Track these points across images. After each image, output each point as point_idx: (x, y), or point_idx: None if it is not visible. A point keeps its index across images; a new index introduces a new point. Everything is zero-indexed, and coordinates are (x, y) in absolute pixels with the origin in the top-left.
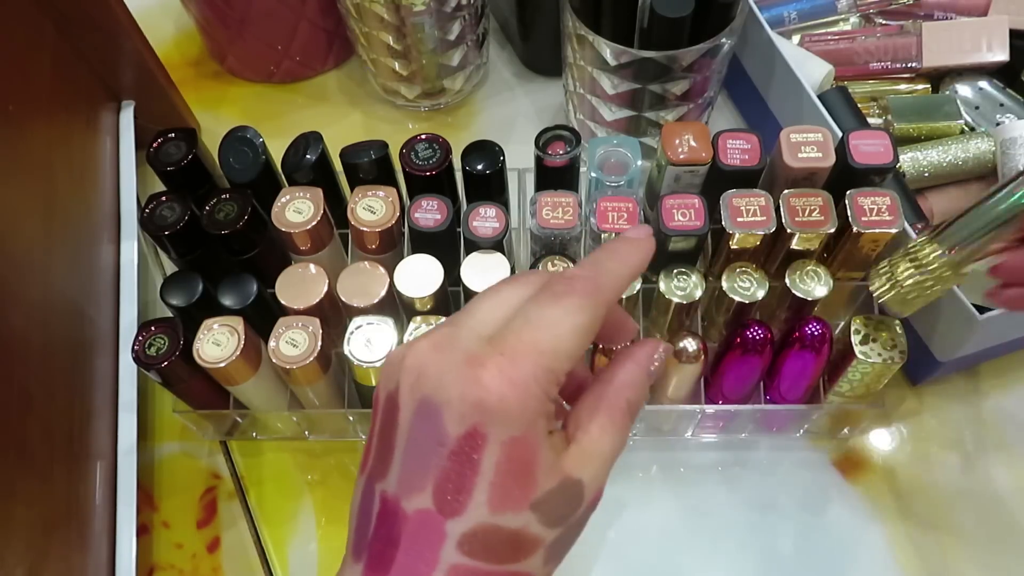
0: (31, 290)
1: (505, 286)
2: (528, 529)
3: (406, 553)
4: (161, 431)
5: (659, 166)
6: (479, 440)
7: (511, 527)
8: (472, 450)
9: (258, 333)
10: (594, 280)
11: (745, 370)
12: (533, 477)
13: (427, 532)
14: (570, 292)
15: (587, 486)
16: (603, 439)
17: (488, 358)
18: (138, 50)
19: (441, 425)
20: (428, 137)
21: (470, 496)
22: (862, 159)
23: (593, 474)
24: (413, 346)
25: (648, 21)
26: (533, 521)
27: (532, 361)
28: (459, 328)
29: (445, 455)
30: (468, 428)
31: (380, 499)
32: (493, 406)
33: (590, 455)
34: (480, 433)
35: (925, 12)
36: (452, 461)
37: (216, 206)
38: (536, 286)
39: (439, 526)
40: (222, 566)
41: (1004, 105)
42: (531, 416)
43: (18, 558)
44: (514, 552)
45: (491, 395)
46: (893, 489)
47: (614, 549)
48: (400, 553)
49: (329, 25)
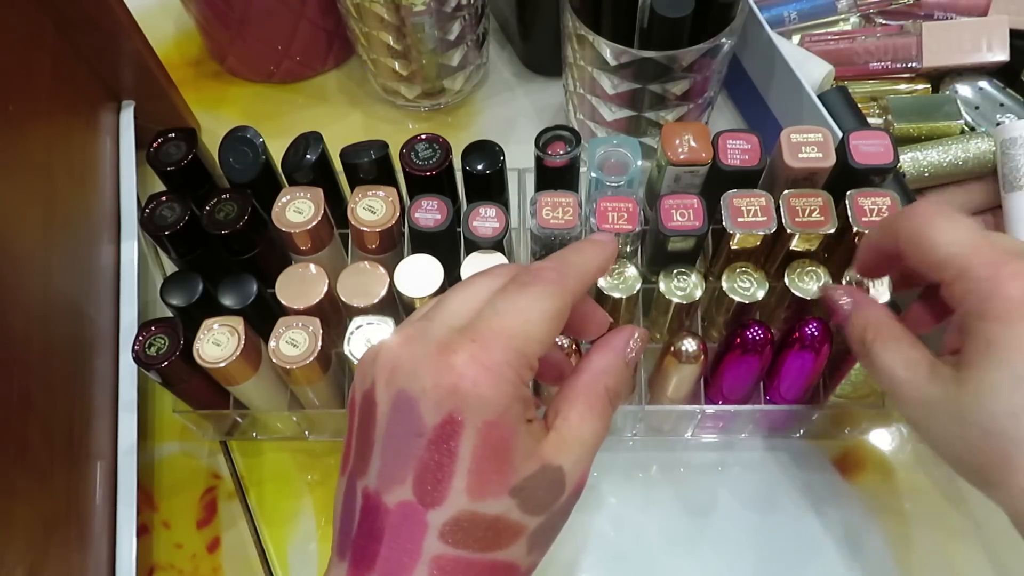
0: (31, 290)
1: (475, 280)
2: (509, 516)
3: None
4: (161, 431)
5: (659, 166)
6: (456, 427)
7: (491, 514)
8: (449, 437)
9: (258, 333)
10: (558, 270)
11: (745, 370)
12: (510, 462)
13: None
14: (536, 281)
15: (568, 473)
16: (582, 426)
17: (460, 346)
18: (138, 50)
19: (418, 415)
20: (428, 137)
21: (449, 484)
22: (862, 159)
23: (574, 461)
24: (385, 343)
25: (648, 21)
26: (513, 508)
27: (503, 346)
28: (430, 321)
29: (423, 445)
30: (444, 416)
31: (362, 495)
32: (467, 391)
33: (569, 441)
34: (456, 420)
35: (925, 12)
36: (430, 450)
37: (216, 206)
38: (505, 279)
39: (420, 517)
40: (222, 566)
41: (1004, 105)
42: (506, 400)
43: (18, 557)
44: (496, 539)
45: (465, 380)
46: (893, 489)
47: (614, 549)
48: (383, 547)
49: (329, 25)
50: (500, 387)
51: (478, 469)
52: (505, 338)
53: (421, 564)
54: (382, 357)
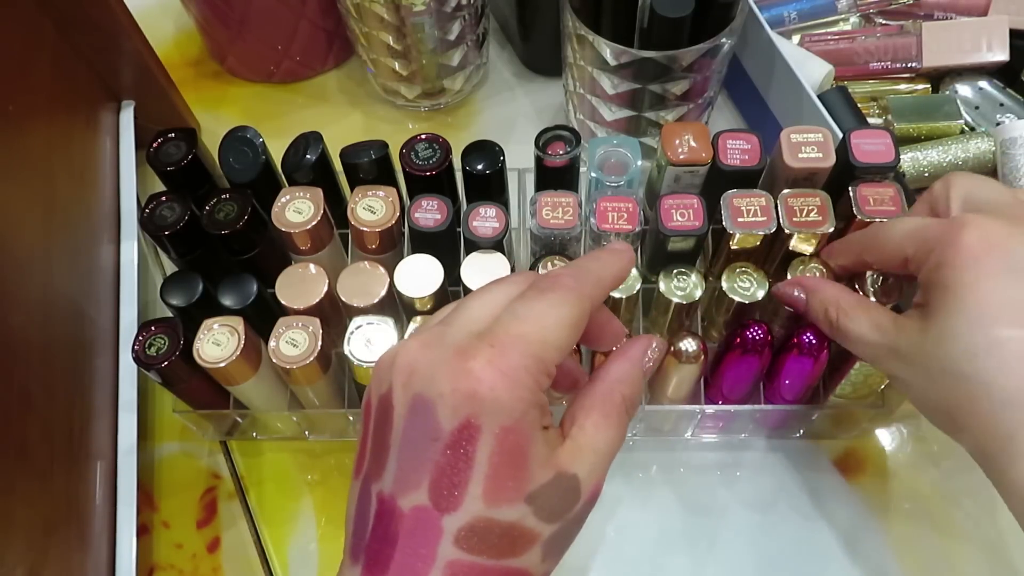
0: (31, 290)
1: (494, 286)
2: (524, 523)
3: (403, 551)
4: (161, 431)
5: (659, 166)
6: (473, 432)
7: (507, 520)
8: (466, 442)
9: (258, 333)
10: (577, 277)
11: (745, 370)
12: (527, 469)
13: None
14: (555, 287)
15: (583, 481)
16: (597, 434)
17: (478, 351)
18: (138, 50)
19: (435, 419)
20: (428, 137)
21: (465, 490)
22: (864, 158)
23: (589, 469)
24: (403, 346)
25: (648, 21)
26: (529, 515)
27: (521, 351)
28: (448, 326)
29: (439, 449)
30: (461, 420)
31: (377, 499)
32: (485, 395)
33: (584, 450)
34: (473, 424)
35: (925, 12)
36: (446, 455)
37: (216, 206)
38: (523, 285)
39: (435, 522)
40: (222, 566)
41: (1004, 105)
42: (523, 406)
43: (18, 558)
44: (511, 547)
45: (482, 385)
46: (893, 489)
47: (614, 549)
48: (397, 552)
49: (329, 25)
50: (517, 392)
51: (494, 475)
52: (523, 344)
53: (435, 569)
54: (400, 361)
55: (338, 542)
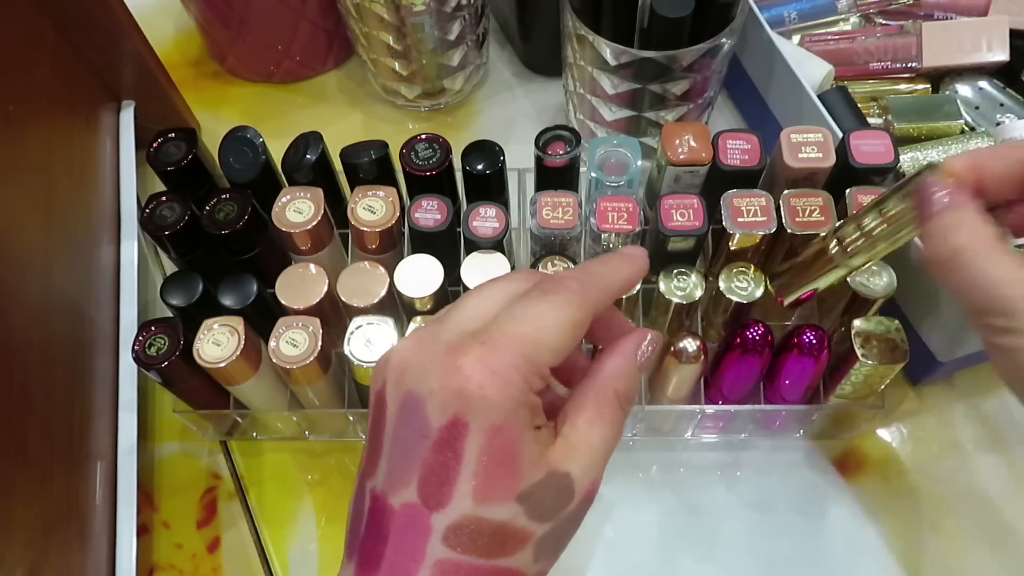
0: (31, 290)
1: (492, 284)
2: (515, 522)
3: (394, 549)
4: (161, 431)
5: (659, 166)
6: (461, 429)
7: (497, 519)
8: (455, 439)
9: (258, 333)
10: (581, 280)
11: (744, 370)
12: (517, 468)
13: (413, 526)
14: (557, 290)
15: (577, 479)
16: (591, 431)
17: (469, 348)
18: (138, 50)
19: (424, 416)
20: (428, 137)
21: (454, 487)
22: (863, 159)
23: (583, 467)
24: (398, 345)
25: (648, 21)
26: (520, 514)
27: (512, 351)
28: (443, 324)
29: (429, 447)
30: (450, 418)
31: (370, 497)
32: (473, 393)
33: (578, 447)
34: (462, 422)
35: (925, 12)
36: (435, 452)
37: (216, 206)
38: (524, 283)
39: (424, 520)
40: (222, 566)
41: (1004, 105)
42: (512, 405)
43: (18, 558)
44: (501, 546)
45: (471, 383)
46: (893, 489)
47: (614, 549)
48: (388, 549)
49: (329, 25)
50: (506, 391)
51: (484, 472)
52: (516, 343)
53: (424, 568)
54: (393, 358)
55: (338, 542)
